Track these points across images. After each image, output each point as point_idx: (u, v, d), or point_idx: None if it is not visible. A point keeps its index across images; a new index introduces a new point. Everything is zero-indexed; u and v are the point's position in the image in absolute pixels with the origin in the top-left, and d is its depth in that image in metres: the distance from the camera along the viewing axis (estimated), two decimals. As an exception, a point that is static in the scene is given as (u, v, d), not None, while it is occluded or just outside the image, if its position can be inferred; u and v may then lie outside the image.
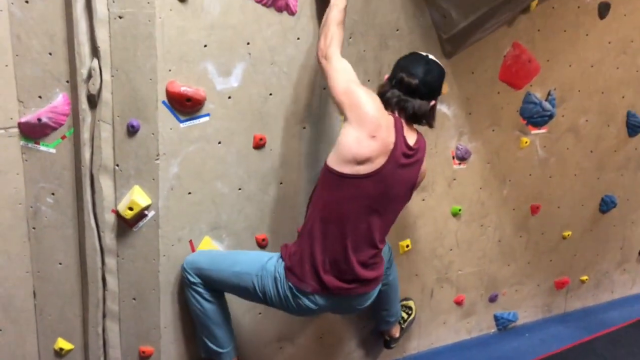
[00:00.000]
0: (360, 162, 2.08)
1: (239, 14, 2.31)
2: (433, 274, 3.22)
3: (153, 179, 2.33)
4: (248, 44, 2.35)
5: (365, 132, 2.07)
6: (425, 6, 2.69)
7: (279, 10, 2.38)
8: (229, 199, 2.50)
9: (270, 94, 2.46)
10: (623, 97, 3.46)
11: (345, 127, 2.12)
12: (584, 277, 3.79)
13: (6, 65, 2.20)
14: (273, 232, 2.64)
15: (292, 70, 2.48)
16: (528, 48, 3.03)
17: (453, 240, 3.21)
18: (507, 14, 2.74)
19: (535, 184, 3.36)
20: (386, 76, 2.29)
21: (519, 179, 3.30)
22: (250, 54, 2.37)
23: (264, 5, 2.34)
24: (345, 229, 2.15)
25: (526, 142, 3.22)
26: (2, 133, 2.26)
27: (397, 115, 2.18)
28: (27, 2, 2.16)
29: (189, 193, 2.41)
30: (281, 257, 2.29)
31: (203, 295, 2.38)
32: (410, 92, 2.17)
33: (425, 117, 2.25)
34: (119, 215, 2.35)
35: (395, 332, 2.99)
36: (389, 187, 2.15)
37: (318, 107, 2.59)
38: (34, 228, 2.42)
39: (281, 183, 2.60)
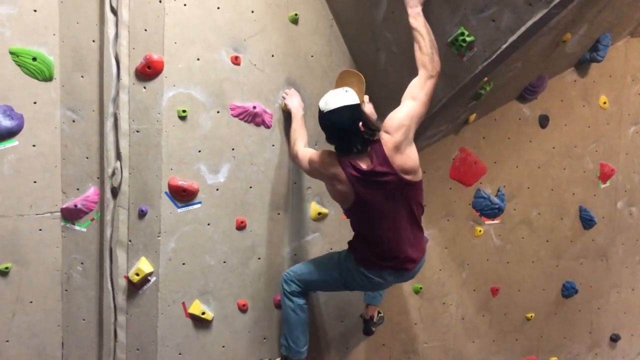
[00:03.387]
0: (342, 200, 2.74)
1: (226, 128, 3.09)
2: (399, 345, 3.68)
3: (155, 252, 3.03)
4: (233, 149, 3.11)
5: (330, 182, 2.74)
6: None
7: (257, 125, 3.15)
8: (215, 270, 3.15)
9: (250, 187, 3.17)
10: (573, 194, 3.97)
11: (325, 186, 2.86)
12: (554, 358, 4.10)
13: (55, 166, 3.03)
14: (252, 299, 3.24)
15: (268, 169, 3.20)
16: (474, 152, 3.67)
17: (416, 315, 3.69)
18: (445, 126, 3.41)
19: (493, 268, 3.84)
20: None
21: (477, 263, 3.80)
22: (234, 157, 3.12)
23: (245, 121, 3.12)
24: (372, 232, 2.76)
25: (480, 231, 3.76)
26: (49, 216, 3.05)
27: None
28: (73, 121, 3.01)
29: (183, 264, 3.08)
30: (349, 252, 2.92)
31: (294, 303, 3.00)
32: (332, 139, 2.71)
33: (355, 144, 2.61)
34: (129, 280, 3.04)
35: (374, 312, 3.41)
36: (375, 200, 2.65)
37: (290, 197, 3.27)
38: (66, 290, 3.13)
39: (259, 258, 3.24)
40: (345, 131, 2.60)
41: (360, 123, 2.59)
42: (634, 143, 4.11)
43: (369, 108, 2.83)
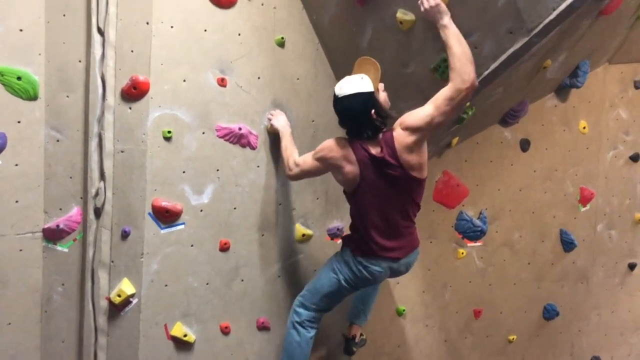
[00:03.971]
0: (349, 183, 2.80)
1: (211, 149, 3.09)
2: (382, 367, 3.68)
3: (138, 273, 3.01)
4: (217, 170, 3.12)
5: (337, 168, 2.78)
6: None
7: (243, 146, 3.16)
8: (198, 291, 3.13)
9: (235, 208, 3.17)
10: (554, 217, 4.03)
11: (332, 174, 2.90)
12: (535, 380, 4.13)
13: (38, 186, 3.00)
14: (235, 321, 3.22)
15: (253, 190, 3.21)
16: (456, 175, 3.71)
17: (400, 338, 3.69)
18: (428, 148, 3.43)
19: (475, 290, 3.87)
20: None
21: (460, 285, 3.83)
22: (219, 178, 3.12)
23: (231, 142, 3.13)
24: (368, 219, 2.81)
25: (463, 253, 3.79)
26: (30, 236, 3.01)
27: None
28: (57, 141, 3.00)
29: (166, 285, 3.06)
30: (344, 246, 3.00)
31: (300, 337, 3.01)
32: (344, 123, 2.79)
33: (366, 130, 2.70)
34: (110, 302, 3.01)
35: (357, 332, 3.40)
36: (379, 187, 2.73)
37: (275, 218, 3.28)
38: (46, 311, 3.08)
39: (242, 280, 3.23)
40: (357, 117, 2.69)
41: (373, 110, 2.66)
42: (612, 167, 4.19)
43: (383, 96, 2.81)
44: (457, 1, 2.57)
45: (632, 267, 4.35)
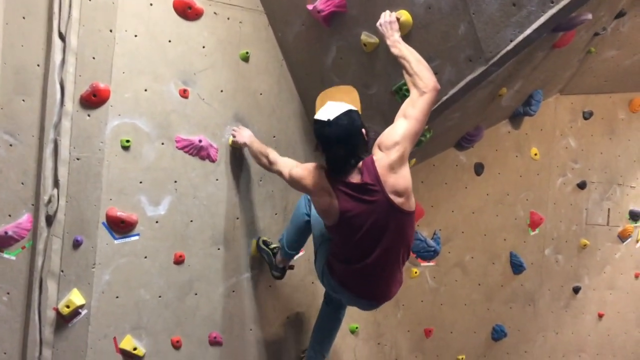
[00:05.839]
0: (327, 215, 2.59)
1: (170, 160, 3.07)
2: (334, 385, 3.68)
3: (89, 284, 2.94)
4: (175, 182, 3.09)
5: (314, 197, 2.61)
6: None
7: (202, 158, 3.14)
8: (150, 304, 3.08)
9: (191, 221, 3.14)
10: (505, 240, 4.15)
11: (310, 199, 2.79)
12: (482, 400, 4.21)
13: (-13, 191, 2.91)
14: (186, 335, 3.18)
15: (210, 203, 3.19)
16: (413, 196, 3.78)
17: (351, 355, 3.71)
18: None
19: (427, 309, 3.93)
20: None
21: (412, 304, 3.88)
22: (176, 189, 3.09)
23: (190, 154, 3.11)
24: (348, 257, 2.65)
25: (416, 273, 3.85)
26: (-26, 243, 2.91)
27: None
28: (10, 145, 2.92)
29: (117, 297, 3.00)
30: (328, 247, 2.80)
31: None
32: (333, 151, 2.53)
33: (355, 155, 2.52)
34: (58, 313, 2.92)
35: None
36: (361, 221, 2.50)
37: (232, 232, 3.26)
38: (-12, 322, 2.97)
39: (196, 294, 3.19)
40: (352, 137, 2.50)
41: (363, 130, 2.54)
42: (561, 194, 4.35)
43: None
44: (420, 27, 2.65)
45: (576, 290, 4.50)
